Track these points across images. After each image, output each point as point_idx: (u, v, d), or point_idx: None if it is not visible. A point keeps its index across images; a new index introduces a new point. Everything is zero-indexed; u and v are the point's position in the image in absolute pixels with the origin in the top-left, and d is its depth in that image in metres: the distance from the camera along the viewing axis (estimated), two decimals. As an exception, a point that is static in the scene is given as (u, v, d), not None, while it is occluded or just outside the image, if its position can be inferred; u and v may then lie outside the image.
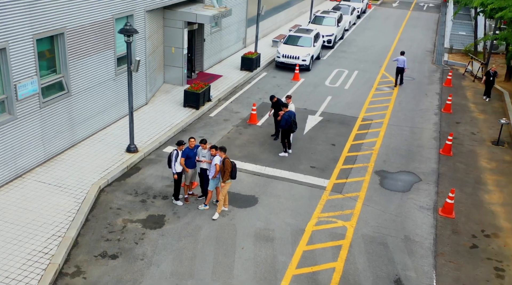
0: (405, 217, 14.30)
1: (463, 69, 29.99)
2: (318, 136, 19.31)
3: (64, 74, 15.58)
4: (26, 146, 14.43)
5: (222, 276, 11.46)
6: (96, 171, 15.25)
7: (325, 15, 33.93)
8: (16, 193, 13.67)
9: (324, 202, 14.80)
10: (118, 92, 18.33)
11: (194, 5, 23.09)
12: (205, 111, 20.91)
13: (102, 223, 13.05)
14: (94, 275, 11.23)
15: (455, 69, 30.30)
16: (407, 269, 12.12)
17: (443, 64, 30.94)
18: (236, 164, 14.09)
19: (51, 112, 15.19)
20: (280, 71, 27.14)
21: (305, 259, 12.25)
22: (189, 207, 14.02)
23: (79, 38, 15.76)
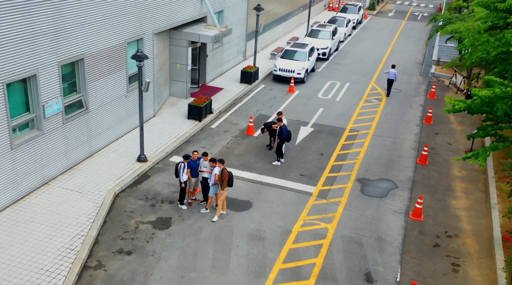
0: (380, 220, 16.47)
1: (448, 81, 32.08)
2: (309, 147, 21.49)
3: (83, 93, 17.82)
4: (51, 157, 16.67)
5: (219, 270, 13.65)
6: (111, 179, 17.48)
7: (320, 29, 36.08)
8: (44, 198, 15.91)
9: (310, 207, 16.98)
10: (129, 107, 20.56)
11: (197, 25, 25.29)
12: (207, 123, 23.11)
13: (118, 224, 15.27)
14: (113, 268, 13.45)
15: (441, 81, 32.40)
16: (376, 265, 14.29)
17: (430, 76, 33.05)
18: (233, 174, 16.26)
19: (72, 127, 17.43)
20: (277, 83, 29.31)
21: (290, 256, 14.43)
22: (192, 211, 16.22)
23: (96, 62, 18.00)
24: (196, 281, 13.16)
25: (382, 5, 60.22)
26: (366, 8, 55.95)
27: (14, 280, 12.43)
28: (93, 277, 13.06)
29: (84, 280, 12.91)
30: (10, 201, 15.28)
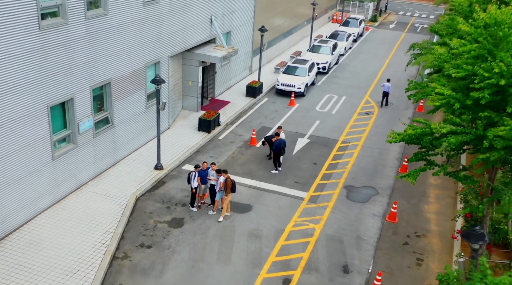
0: (360, 221, 19.42)
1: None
2: (304, 157, 24.46)
3: (109, 111, 20.95)
4: (83, 165, 19.80)
5: (223, 261, 16.68)
6: (133, 184, 20.58)
7: (321, 45, 39.02)
8: (78, 201, 19.04)
9: (301, 210, 19.96)
10: (147, 122, 23.66)
11: (207, 46, 28.35)
12: (215, 134, 26.16)
13: (139, 223, 18.36)
14: (136, 259, 16.53)
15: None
16: (353, 259, 17.24)
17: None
18: (235, 182, 19.28)
19: (100, 140, 20.56)
20: (279, 97, 32.30)
21: (282, 251, 17.42)
22: (202, 212, 19.27)
23: (120, 84, 21.12)
24: (204, 271, 16.20)
25: (384, 16, 62.91)
26: (368, 20, 58.67)
27: (59, 267, 15.55)
28: (121, 265, 16.15)
29: (114, 268, 16.01)
30: (51, 202, 18.43)
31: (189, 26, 25.94)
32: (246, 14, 33.10)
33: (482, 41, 10.24)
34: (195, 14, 26.26)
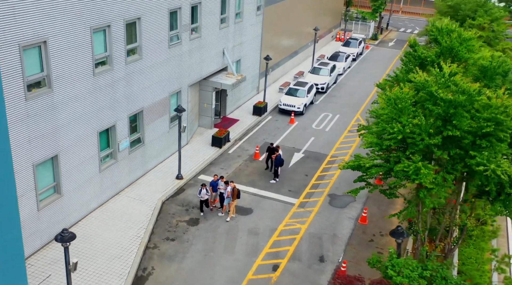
0: (338, 223, 24.67)
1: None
2: (298, 169, 29.74)
3: (141, 133, 26.46)
4: (121, 176, 25.31)
5: (228, 252, 22.03)
6: (159, 191, 26.04)
7: (321, 67, 44.25)
8: (117, 204, 24.56)
9: (291, 213, 25.26)
10: (170, 139, 29.12)
11: (220, 74, 33.75)
12: (226, 149, 31.54)
13: (165, 222, 23.80)
14: (163, 248, 21.96)
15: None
16: (328, 251, 22.50)
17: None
18: (240, 190, 24.63)
19: (134, 156, 26.06)
20: (281, 115, 37.58)
21: (274, 245, 22.73)
22: (213, 214, 24.65)
23: (150, 111, 26.60)
24: (214, 258, 21.58)
25: (385, 34, 67.79)
26: (369, 38, 63.64)
27: (106, 254, 21.05)
28: (152, 253, 21.60)
29: (147, 255, 21.47)
30: (98, 205, 23.97)
31: (205, 59, 31.39)
32: (253, 44, 38.47)
33: (390, 109, 15.42)
34: (210, 49, 31.70)
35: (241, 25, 35.71)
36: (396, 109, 15.35)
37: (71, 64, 20.46)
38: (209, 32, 31.19)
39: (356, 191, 18.47)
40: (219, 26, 32.46)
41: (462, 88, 14.28)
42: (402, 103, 15.19)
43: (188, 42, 28.93)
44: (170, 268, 20.84)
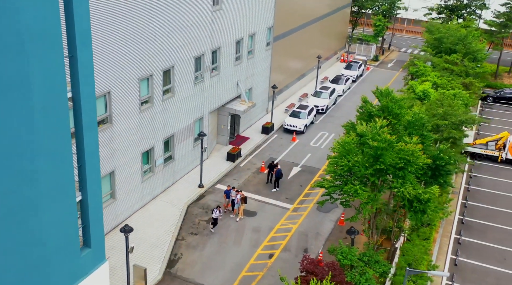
0: (321, 224, 32.18)
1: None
2: (295, 181, 37.30)
3: (172, 152, 34.31)
4: (156, 185, 33.20)
5: (237, 244, 29.73)
6: (185, 196, 33.86)
7: (322, 91, 51.69)
8: (154, 206, 32.45)
9: (286, 216, 32.85)
10: (194, 155, 36.92)
11: (235, 101, 41.47)
12: (238, 163, 39.24)
13: (189, 221, 31.60)
14: (188, 240, 29.77)
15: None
16: (311, 245, 30.04)
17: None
18: (247, 197, 32.29)
19: (166, 169, 33.93)
20: (285, 134, 45.14)
21: (271, 239, 30.36)
22: (226, 216, 32.37)
23: (179, 135, 34.43)
24: (226, 249, 29.29)
25: (387, 54, 74.84)
26: (371, 59, 70.78)
27: (147, 243, 28.91)
28: (180, 243, 29.41)
29: (177, 245, 29.28)
30: (139, 207, 31.90)
31: (222, 91, 39.17)
32: (263, 74, 46.17)
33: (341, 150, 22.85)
34: (226, 82, 39.48)
35: (253, 60, 43.43)
36: (344, 150, 22.78)
37: (125, 105, 28.38)
38: (226, 69, 38.97)
39: (322, 202, 25.94)
40: (234, 63, 40.23)
41: (384, 138, 21.62)
42: (348, 146, 22.60)
43: (209, 79, 36.75)
44: (194, 254, 28.62)
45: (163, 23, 29.98)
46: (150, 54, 29.54)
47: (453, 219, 33.37)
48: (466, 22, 62.01)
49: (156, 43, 29.81)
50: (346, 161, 22.62)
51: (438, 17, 69.84)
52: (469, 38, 50.88)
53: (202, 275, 27.04)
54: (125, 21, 26.89)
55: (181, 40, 32.10)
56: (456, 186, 37.51)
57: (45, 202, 17.29)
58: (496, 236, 31.84)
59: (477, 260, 29.51)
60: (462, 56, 46.24)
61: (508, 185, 38.14)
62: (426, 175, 23.52)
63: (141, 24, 28.21)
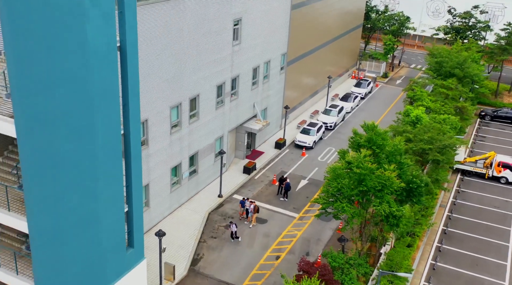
0: (322, 231, 37.61)
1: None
2: (302, 192, 42.77)
3: (196, 166, 40.11)
4: (182, 195, 39.02)
5: (249, 246, 35.34)
6: (206, 205, 39.61)
7: (331, 109, 56.97)
8: (180, 213, 38.28)
9: (293, 224, 38.37)
10: (214, 169, 42.64)
11: (251, 120, 47.10)
12: (253, 176, 44.86)
13: (210, 226, 37.33)
14: (209, 243, 35.50)
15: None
16: (313, 249, 35.49)
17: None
18: (259, 207, 37.91)
19: (191, 182, 39.74)
20: (296, 149, 50.61)
21: (279, 243, 35.91)
22: (241, 223, 37.98)
23: (203, 152, 40.19)
24: (241, 250, 34.92)
25: (396, 71, 79.61)
26: (380, 76, 75.66)
27: (175, 244, 34.72)
28: (202, 245, 35.16)
29: (199, 246, 35.03)
30: (168, 213, 37.77)
31: (240, 112, 44.87)
32: (277, 95, 51.74)
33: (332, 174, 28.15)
34: (244, 104, 45.15)
35: (268, 84, 49.06)
36: (335, 174, 28.20)
37: (158, 130, 34.25)
38: (243, 93, 44.67)
39: (318, 215, 31.36)
40: (251, 88, 45.91)
41: (366, 166, 26.94)
42: (338, 171, 28.01)
43: (229, 103, 42.47)
44: (213, 255, 34.32)
45: (192, 62, 35.77)
46: (180, 87, 35.36)
47: (437, 230, 38.49)
48: (470, 44, 66.76)
49: (186, 78, 35.63)
50: (336, 183, 28.06)
51: (445, 37, 74.48)
52: (468, 62, 55.66)
53: (220, 272, 32.74)
54: (162, 64, 32.72)
55: (206, 73, 37.89)
56: (444, 200, 42.66)
57: (103, 213, 23.11)
58: (473, 245, 36.88)
59: (453, 265, 34.63)
60: (458, 80, 51.10)
61: (492, 200, 43.05)
62: (402, 195, 28.84)
63: (175, 64, 34.04)
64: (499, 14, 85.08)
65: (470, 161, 46.66)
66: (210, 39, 37.53)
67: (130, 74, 22.49)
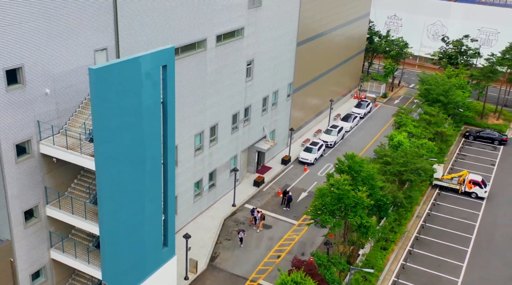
0: (316, 236, 46.15)
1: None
2: (302, 203, 51.34)
3: (214, 181, 48.97)
4: (203, 204, 47.88)
5: (256, 247, 44.05)
6: (223, 212, 48.44)
7: (332, 129, 65.44)
8: (201, 219, 47.15)
9: (292, 229, 47.00)
10: (229, 182, 51.40)
11: (261, 140, 55.82)
12: (261, 188, 53.57)
13: (225, 230, 46.14)
14: (224, 243, 44.30)
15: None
16: (307, 250, 44.03)
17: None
18: (265, 215, 46.62)
19: (210, 193, 48.60)
20: (299, 165, 59.16)
21: (280, 246, 44.53)
22: (250, 228, 46.71)
23: (220, 169, 49.01)
24: (249, 250, 43.65)
25: (396, 90, 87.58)
26: (380, 96, 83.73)
27: (197, 245, 43.54)
28: (219, 246, 43.96)
29: (216, 246, 43.82)
30: (191, 219, 46.69)
31: (251, 135, 53.65)
32: (284, 118, 60.43)
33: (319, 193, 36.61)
34: (255, 128, 53.92)
35: (276, 110, 57.80)
36: (320, 193, 36.76)
37: (185, 153, 43.16)
38: (255, 119, 53.46)
39: (308, 224, 39.89)
40: (261, 114, 54.69)
41: (344, 188, 35.41)
42: (322, 191, 36.56)
43: (242, 128, 51.30)
44: (228, 253, 43.10)
45: (213, 98, 44.66)
46: (203, 118, 44.28)
47: (411, 236, 46.82)
48: (459, 70, 74.75)
49: (207, 111, 44.54)
50: (321, 200, 36.68)
51: (439, 62, 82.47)
52: (453, 90, 63.74)
53: (233, 267, 41.47)
54: (189, 102, 41.62)
55: (224, 106, 46.77)
56: (421, 211, 50.95)
57: (147, 221, 32.04)
58: (439, 249, 45.11)
59: (420, 265, 42.94)
60: (443, 106, 59.29)
61: (462, 212, 51.19)
62: (373, 210, 37.31)
63: (199, 101, 42.96)
64: (493, 38, 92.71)
65: (447, 178, 54.78)
66: (228, 79, 46.40)
67: (169, 122, 31.41)
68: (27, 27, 26.84)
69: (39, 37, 27.60)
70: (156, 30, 36.16)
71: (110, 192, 28.25)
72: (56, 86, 29.37)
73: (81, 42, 30.13)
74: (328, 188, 36.92)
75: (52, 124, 29.58)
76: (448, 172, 58.79)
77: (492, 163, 62.23)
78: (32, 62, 27.59)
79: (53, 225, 31.90)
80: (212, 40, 42.76)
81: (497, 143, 66.98)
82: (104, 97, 26.17)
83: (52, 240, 32.15)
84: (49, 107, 29.38)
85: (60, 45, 28.88)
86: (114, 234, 29.55)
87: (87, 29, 30.38)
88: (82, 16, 29.75)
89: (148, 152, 30.28)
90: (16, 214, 29.38)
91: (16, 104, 27.47)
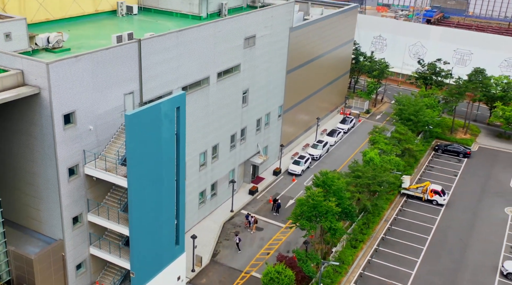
0: (300, 237, 55.76)
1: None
2: (289, 209, 60.85)
3: (215, 190, 58.64)
4: (206, 210, 57.54)
5: (250, 246, 53.66)
6: (222, 216, 58.09)
7: (318, 144, 75.08)
8: (204, 223, 56.81)
9: (280, 231, 56.65)
10: (228, 191, 61.02)
11: (255, 155, 65.48)
12: (255, 196, 63.21)
13: (225, 233, 55.76)
14: (224, 243, 53.98)
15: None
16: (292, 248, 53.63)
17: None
18: (258, 219, 56.28)
19: (212, 201, 58.27)
20: (288, 176, 68.78)
21: (270, 245, 54.14)
22: (245, 230, 56.34)
23: (220, 181, 58.65)
24: (244, 248, 53.22)
25: (378, 106, 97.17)
26: (364, 112, 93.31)
27: (201, 243, 53.22)
28: (219, 245, 53.61)
29: (217, 245, 53.49)
30: (196, 223, 56.36)
31: (247, 151, 63.31)
32: (275, 135, 70.10)
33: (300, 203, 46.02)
34: (250, 145, 63.59)
35: (268, 129, 67.51)
36: (300, 203, 46.31)
37: (192, 169, 52.78)
38: (250, 138, 63.16)
39: (291, 227, 49.53)
40: (255, 133, 64.41)
41: (317, 199, 44.93)
42: (301, 201, 46.12)
43: (239, 146, 61.02)
44: (226, 251, 52.72)
45: (214, 123, 54.36)
46: (206, 140, 53.97)
47: (378, 237, 56.46)
48: (432, 90, 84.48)
49: (209, 134, 54.25)
50: (300, 209, 46.34)
51: (416, 82, 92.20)
52: (423, 110, 73.48)
53: (231, 262, 51.12)
54: (194, 128, 51.28)
55: (223, 129, 56.49)
56: (389, 216, 60.63)
57: (164, 224, 41.70)
58: (400, 248, 54.70)
59: (383, 261, 52.54)
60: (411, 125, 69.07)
61: (423, 216, 60.81)
62: (341, 216, 47.04)
63: (203, 127, 52.65)
64: (467, 58, 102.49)
65: (413, 188, 64.44)
66: (227, 107, 56.11)
67: (181, 148, 41.10)
68: (78, 83, 36.58)
69: (86, 89, 37.34)
70: (170, 75, 45.89)
71: (138, 203, 37.91)
72: (97, 123, 39.06)
73: (115, 89, 39.88)
74: (306, 199, 46.60)
75: (93, 152, 39.27)
76: (416, 182, 68.43)
77: (455, 173, 71.93)
78: (81, 107, 37.30)
79: (91, 228, 41.55)
80: (214, 77, 52.49)
81: (461, 156, 76.65)
82: (135, 133, 35.85)
83: (91, 239, 41.82)
84: (91, 139, 39.07)
85: (101, 94, 38.61)
86: (140, 235, 39.20)
87: (120, 80, 40.12)
88: (117, 71, 39.49)
89: (165, 172, 39.96)
90: (67, 220, 39.09)
91: (69, 139, 37.17)
